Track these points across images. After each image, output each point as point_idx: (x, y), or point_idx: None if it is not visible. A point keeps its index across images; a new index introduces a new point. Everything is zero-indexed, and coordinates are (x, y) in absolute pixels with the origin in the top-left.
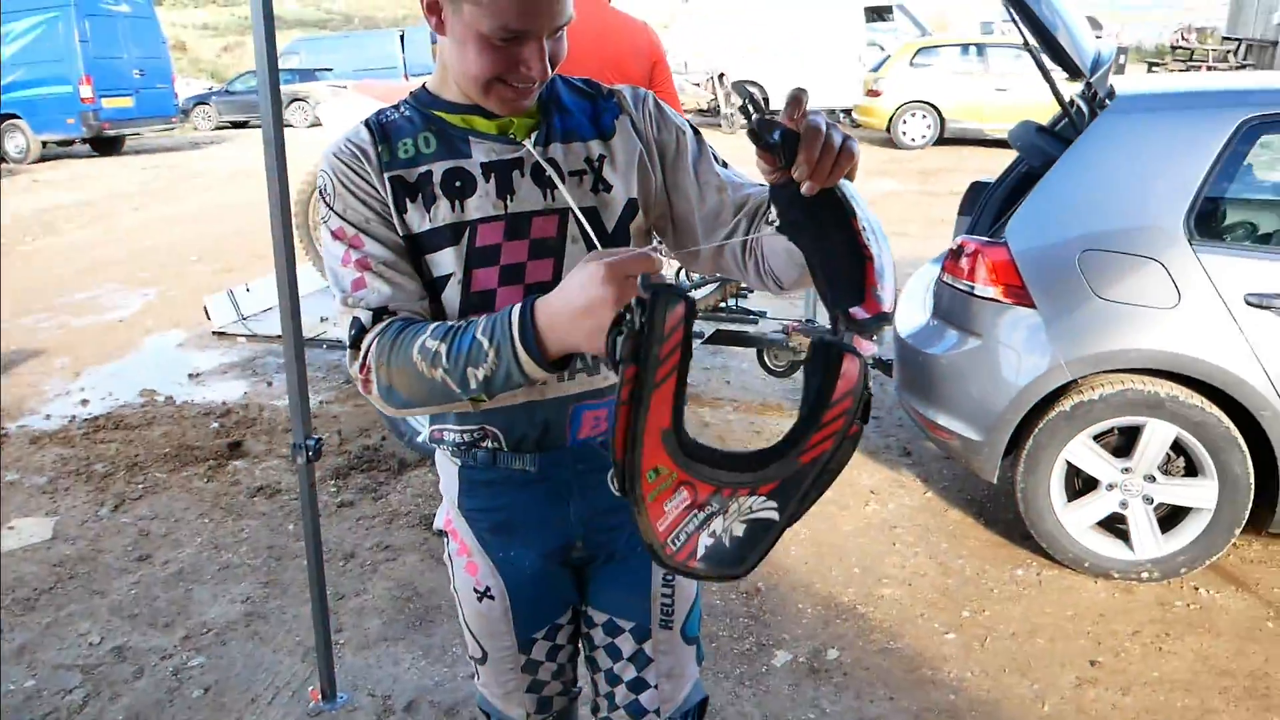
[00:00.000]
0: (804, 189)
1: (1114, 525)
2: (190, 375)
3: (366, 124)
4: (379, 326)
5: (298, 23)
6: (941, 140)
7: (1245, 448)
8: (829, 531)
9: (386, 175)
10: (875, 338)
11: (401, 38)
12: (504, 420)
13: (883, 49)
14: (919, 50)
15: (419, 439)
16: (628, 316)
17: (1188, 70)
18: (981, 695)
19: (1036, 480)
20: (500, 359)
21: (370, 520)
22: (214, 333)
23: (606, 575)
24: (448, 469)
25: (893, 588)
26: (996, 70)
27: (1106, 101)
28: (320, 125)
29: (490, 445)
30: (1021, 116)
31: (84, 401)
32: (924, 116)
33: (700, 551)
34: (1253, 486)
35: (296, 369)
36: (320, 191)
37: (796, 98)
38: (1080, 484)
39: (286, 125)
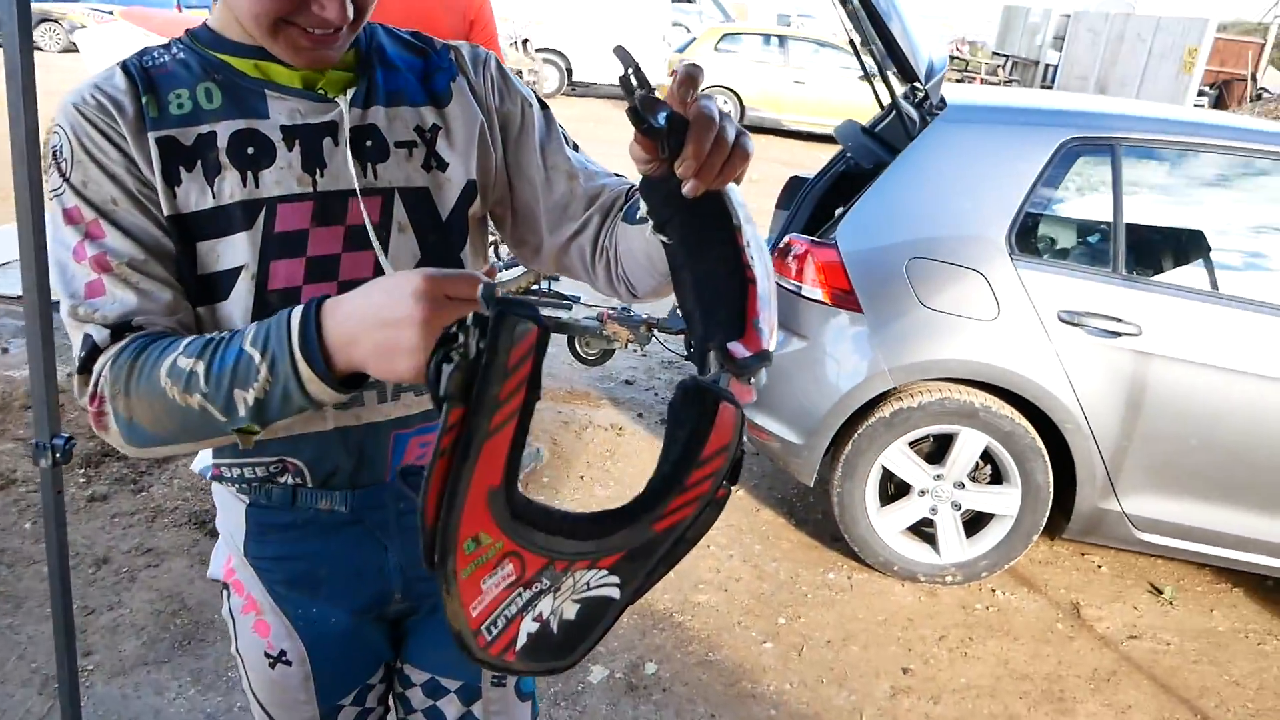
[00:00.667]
0: (685, 188)
1: (920, 529)
2: None
3: (124, 68)
4: (116, 346)
5: None
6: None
7: (1048, 458)
8: None
9: (153, 136)
10: (753, 381)
11: None
12: (311, 451)
13: (688, 30)
14: (724, 36)
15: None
16: (460, 338)
17: (961, 81)
18: (801, 709)
19: (853, 485)
20: (275, 375)
21: (128, 518)
22: None
23: (429, 628)
24: (231, 506)
25: (709, 594)
26: (796, 63)
27: (937, 109)
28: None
29: (290, 481)
30: (817, 110)
31: None
32: (725, 102)
33: (521, 641)
34: (1051, 496)
35: (43, 351)
36: (54, 154)
37: (691, 75)
38: (893, 488)
39: (35, 49)
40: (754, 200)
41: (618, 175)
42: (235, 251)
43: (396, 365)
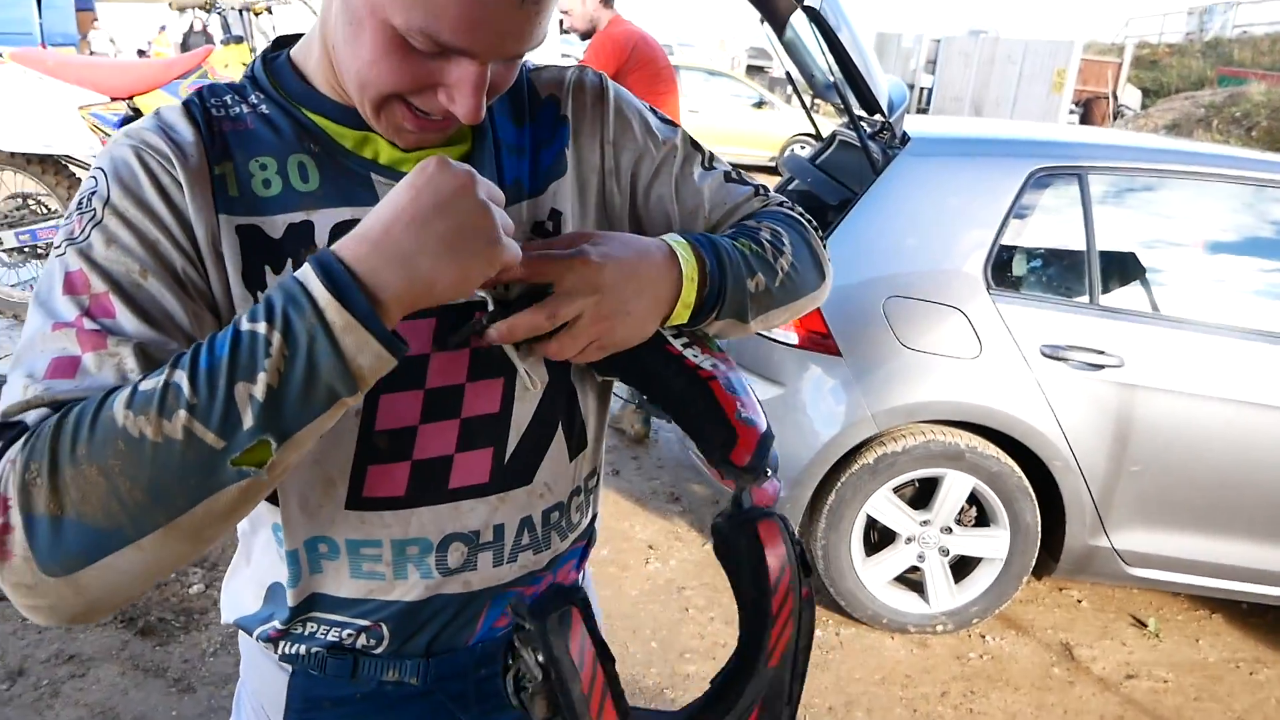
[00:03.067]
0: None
1: (907, 577)
2: None
3: (189, 113)
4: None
5: None
6: None
7: (1034, 498)
8: (615, 598)
9: (231, 222)
10: (770, 472)
11: (39, 1)
12: (402, 614)
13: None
14: None
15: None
16: (521, 670)
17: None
18: None
19: (838, 537)
20: (293, 338)
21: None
22: None
23: None
24: (266, 673)
25: (696, 663)
26: (687, 91)
27: (899, 144)
28: None
29: (355, 644)
30: (715, 139)
31: None
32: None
33: None
34: (1039, 536)
35: None
36: (80, 202)
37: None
38: (876, 537)
39: None
40: None
41: (756, 191)
42: None
43: (477, 252)
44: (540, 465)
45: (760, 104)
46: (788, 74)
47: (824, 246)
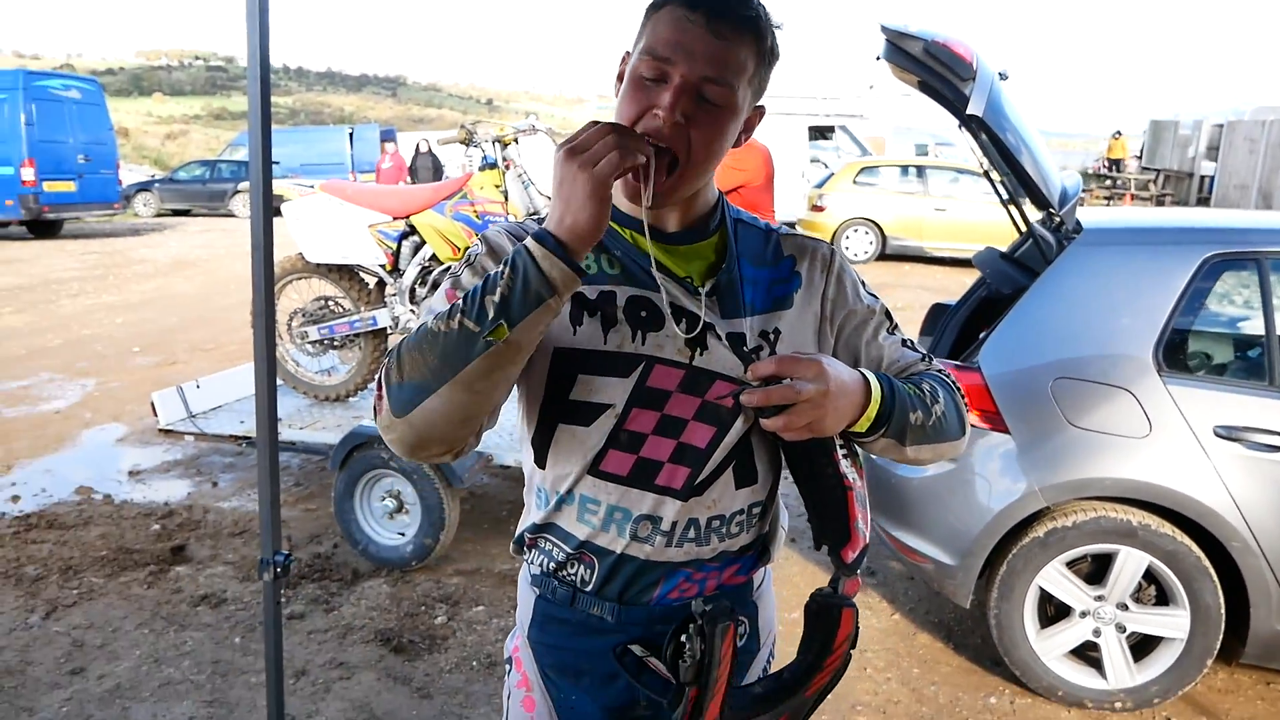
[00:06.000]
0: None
1: (1086, 653)
2: (130, 473)
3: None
4: None
5: (244, 115)
6: (883, 256)
7: (1216, 578)
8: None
9: None
10: (860, 571)
11: (350, 135)
12: (606, 561)
13: (826, 166)
14: (862, 169)
15: (375, 547)
16: (687, 646)
17: (1110, 196)
18: None
19: (1010, 607)
20: (515, 268)
21: (322, 634)
22: (160, 430)
23: None
24: (525, 595)
25: (867, 715)
26: (935, 190)
27: (1074, 233)
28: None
29: (579, 575)
30: (958, 236)
31: (15, 498)
32: (866, 232)
33: None
34: (1224, 617)
35: (270, 474)
36: (467, 255)
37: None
38: (1053, 610)
39: (231, 215)
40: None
41: (924, 357)
42: (609, 391)
43: (574, 186)
44: (713, 485)
45: (1004, 202)
46: (985, 171)
47: (966, 408)
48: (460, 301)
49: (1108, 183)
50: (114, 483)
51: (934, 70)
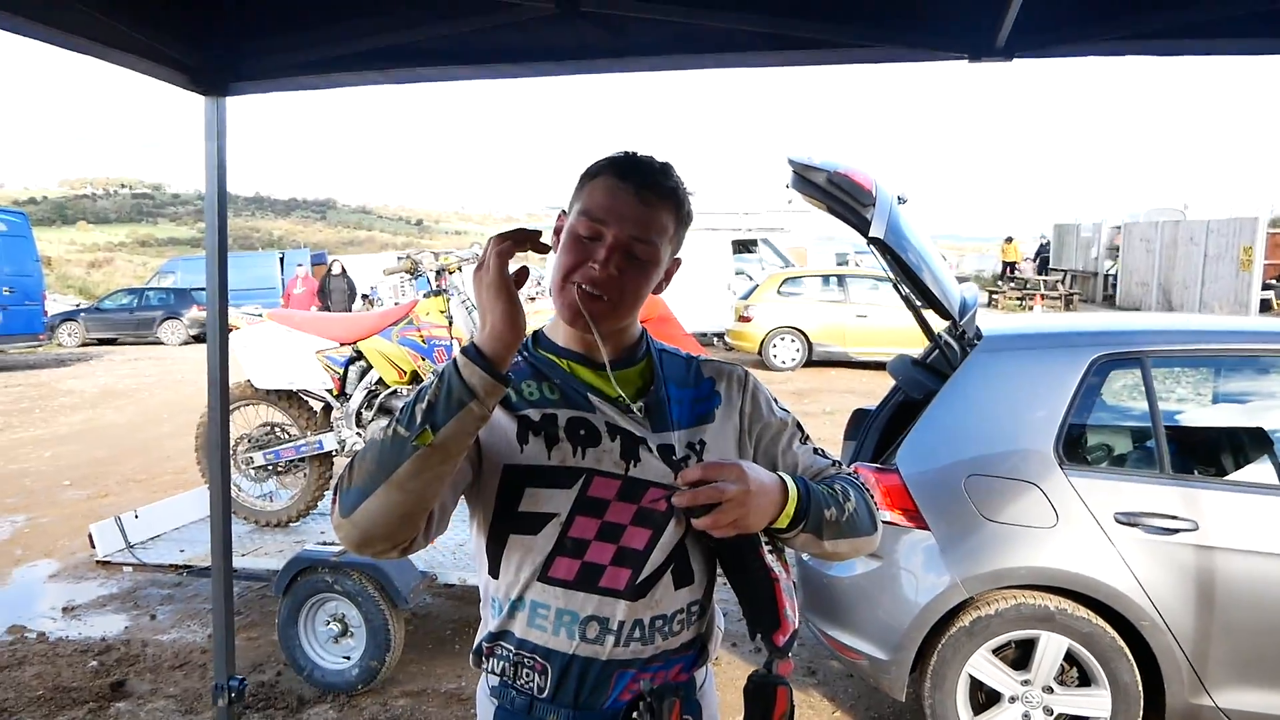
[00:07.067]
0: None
1: None
2: (65, 609)
3: None
4: None
5: (170, 242)
6: (810, 362)
7: (1131, 657)
8: None
9: (517, 412)
10: (792, 654)
11: (281, 260)
12: (557, 663)
13: (750, 278)
14: (785, 280)
15: (320, 671)
16: None
17: (1022, 298)
18: None
19: (944, 696)
20: (443, 378)
21: None
22: (98, 561)
23: None
24: (484, 707)
25: None
26: (856, 298)
27: (975, 341)
28: (197, 343)
29: (531, 683)
30: (881, 341)
31: None
32: (792, 340)
33: None
34: (1141, 695)
35: (224, 600)
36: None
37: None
38: (983, 697)
39: (159, 343)
40: (827, 431)
41: (834, 463)
42: (554, 501)
43: (482, 295)
44: (655, 586)
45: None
46: (894, 282)
47: (876, 506)
48: (396, 413)
49: (1013, 284)
50: (48, 620)
51: (837, 198)
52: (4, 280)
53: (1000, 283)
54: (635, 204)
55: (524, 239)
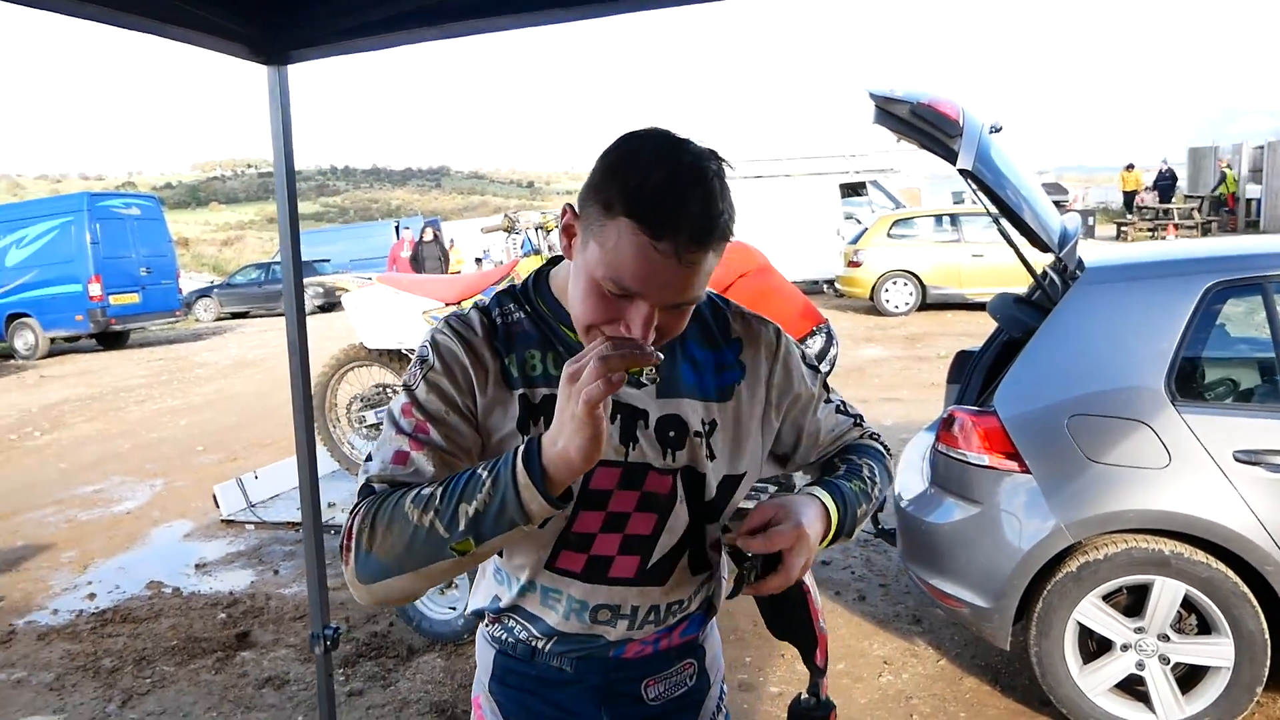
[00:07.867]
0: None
1: (1133, 687)
2: (197, 566)
3: (484, 313)
4: (385, 494)
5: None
6: (924, 306)
7: (1256, 603)
8: (844, 705)
9: (516, 393)
10: (826, 678)
11: (396, 228)
12: (565, 636)
13: (859, 222)
14: (895, 222)
15: (428, 622)
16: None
17: (1154, 227)
18: None
19: (1050, 644)
20: (497, 486)
21: (380, 709)
22: (222, 521)
23: None
24: (485, 651)
25: None
26: (971, 238)
27: (1077, 273)
28: (322, 311)
29: (537, 645)
30: (998, 280)
31: (91, 595)
32: (905, 284)
33: None
34: (1269, 643)
35: (316, 556)
36: (419, 360)
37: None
38: (1094, 645)
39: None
40: (940, 375)
41: (855, 421)
42: None
43: (567, 408)
44: (671, 574)
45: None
46: (993, 217)
47: (893, 466)
48: (437, 497)
49: (1149, 214)
50: (182, 576)
51: (923, 130)
52: (142, 262)
53: (1129, 214)
54: (676, 269)
55: (636, 364)
